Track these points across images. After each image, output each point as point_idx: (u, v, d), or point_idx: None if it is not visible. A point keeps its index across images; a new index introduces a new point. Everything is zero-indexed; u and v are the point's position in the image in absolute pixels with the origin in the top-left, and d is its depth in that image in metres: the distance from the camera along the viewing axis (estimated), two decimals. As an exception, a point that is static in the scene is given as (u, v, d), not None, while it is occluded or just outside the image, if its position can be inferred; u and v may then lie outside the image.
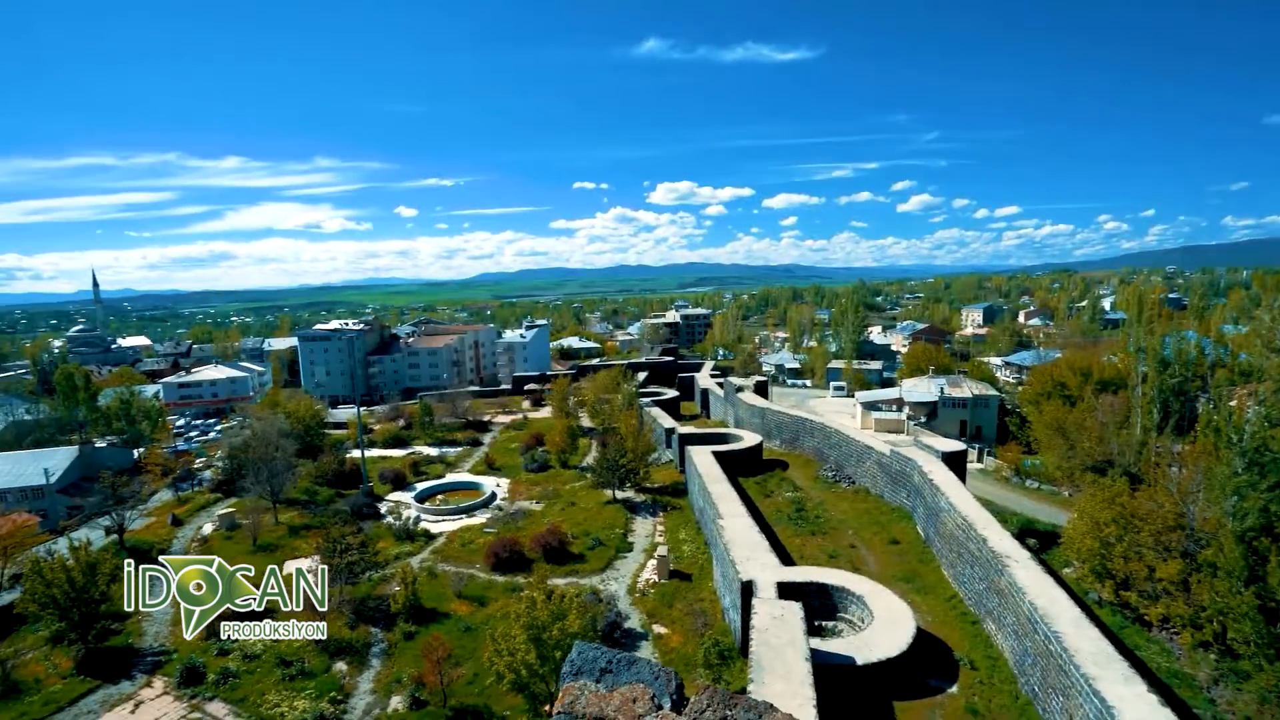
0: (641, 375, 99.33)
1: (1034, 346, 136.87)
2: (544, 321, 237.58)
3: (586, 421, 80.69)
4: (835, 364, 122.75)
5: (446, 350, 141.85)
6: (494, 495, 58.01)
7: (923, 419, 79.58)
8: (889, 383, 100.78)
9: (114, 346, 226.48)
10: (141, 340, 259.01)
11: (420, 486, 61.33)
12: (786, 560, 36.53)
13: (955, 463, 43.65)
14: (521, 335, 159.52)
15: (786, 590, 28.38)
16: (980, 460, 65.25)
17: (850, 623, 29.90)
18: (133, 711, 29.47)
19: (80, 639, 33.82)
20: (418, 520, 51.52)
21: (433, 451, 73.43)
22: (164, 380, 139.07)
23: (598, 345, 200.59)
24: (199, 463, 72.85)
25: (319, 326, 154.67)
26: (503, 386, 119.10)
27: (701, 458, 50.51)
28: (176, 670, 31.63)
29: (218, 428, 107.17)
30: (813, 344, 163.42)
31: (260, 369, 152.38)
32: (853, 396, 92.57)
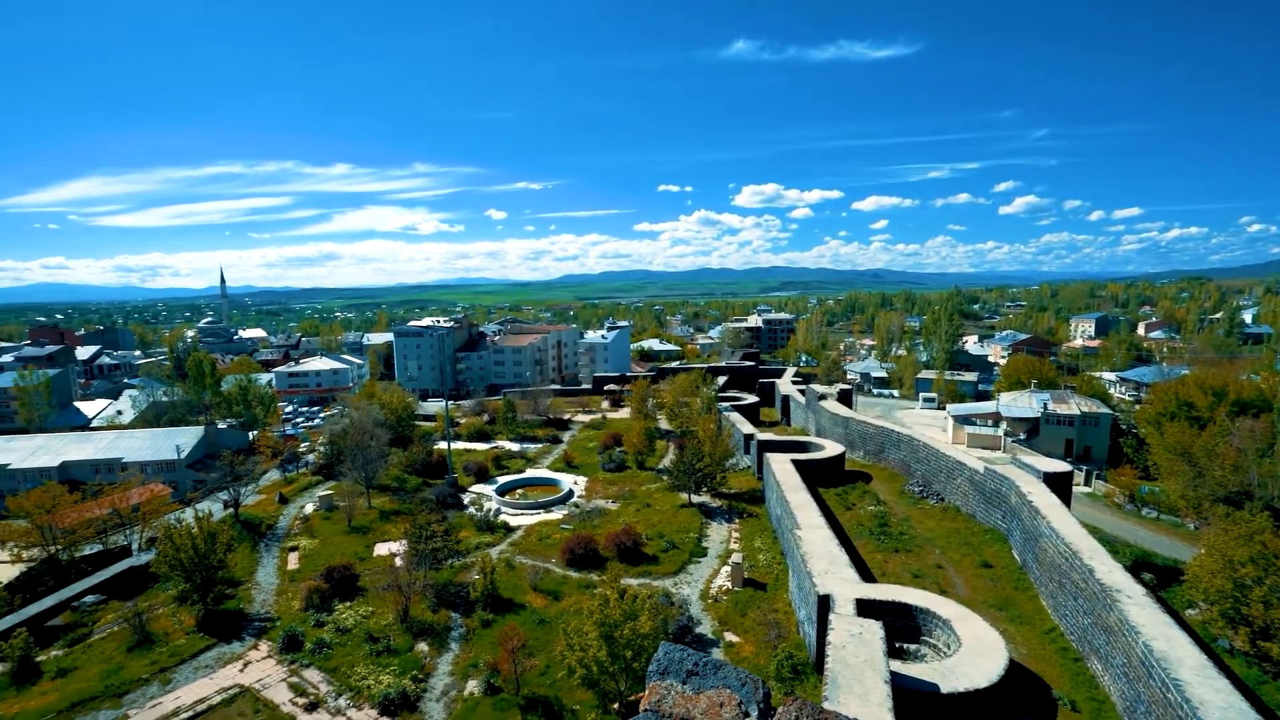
0: (721, 379, 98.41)
1: (1156, 361, 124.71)
2: (625, 323, 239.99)
3: (664, 424, 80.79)
4: (926, 374, 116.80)
5: (530, 349, 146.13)
6: (571, 492, 59.11)
7: (1022, 436, 74.30)
8: (984, 396, 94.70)
9: (236, 337, 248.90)
10: (259, 332, 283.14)
11: (501, 480, 63.37)
12: (867, 576, 35.03)
13: (1059, 485, 40.36)
14: (603, 336, 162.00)
15: (866, 608, 27.19)
16: (1088, 484, 60.07)
17: (934, 647, 28.24)
18: (242, 670, 32.09)
19: (201, 600, 37.24)
20: (498, 512, 53.24)
21: (514, 447, 75.74)
22: (276, 369, 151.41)
23: (678, 348, 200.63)
24: (303, 447, 78.57)
25: (413, 323, 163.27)
26: (583, 386, 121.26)
27: (780, 466, 49.35)
28: (279, 637, 34.17)
29: (321, 415, 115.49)
30: (901, 352, 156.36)
31: (359, 362, 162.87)
32: (944, 409, 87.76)
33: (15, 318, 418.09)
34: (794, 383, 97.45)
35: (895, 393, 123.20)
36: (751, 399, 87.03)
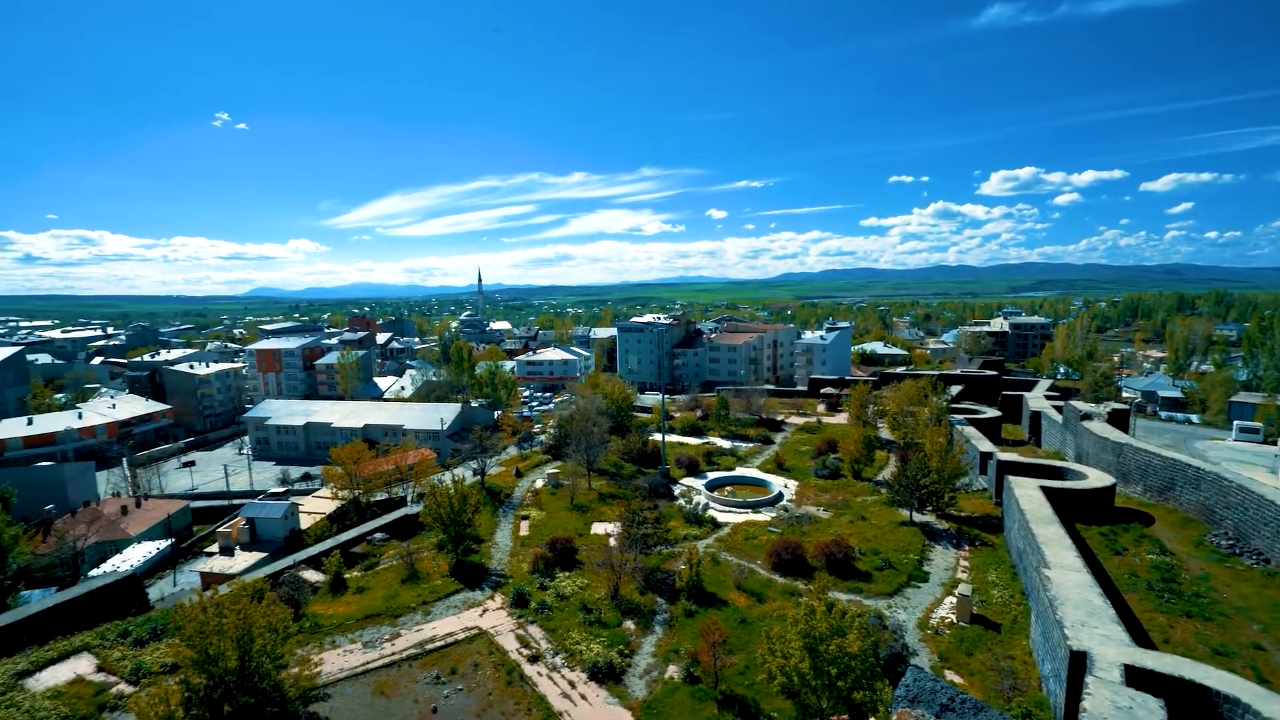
0: (955, 389, 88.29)
1: None
2: (846, 324, 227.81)
3: (886, 433, 75.09)
4: (1246, 397, 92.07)
5: (745, 347, 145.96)
6: (781, 495, 57.75)
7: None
8: (1341, 431, 71.56)
9: (488, 329, 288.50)
10: (505, 325, 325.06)
11: (711, 476, 64.21)
12: (1140, 639, 28.63)
13: None
14: (821, 337, 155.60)
15: (1139, 678, 22.15)
16: None
17: (1244, 747, 21.96)
18: (481, 615, 36.95)
19: (453, 550, 43.71)
20: (706, 507, 54.03)
21: (725, 444, 76.26)
22: (518, 358, 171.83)
23: (904, 352, 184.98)
24: (536, 428, 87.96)
25: (634, 320, 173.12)
26: (798, 388, 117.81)
27: (1026, 492, 42.61)
28: (510, 593, 38.65)
29: (552, 401, 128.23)
30: (1207, 368, 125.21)
31: (586, 354, 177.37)
32: (1275, 444, 68.32)
33: (337, 310, 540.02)
34: (1048, 397, 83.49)
35: (1194, 418, 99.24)
36: (992, 413, 76.61)
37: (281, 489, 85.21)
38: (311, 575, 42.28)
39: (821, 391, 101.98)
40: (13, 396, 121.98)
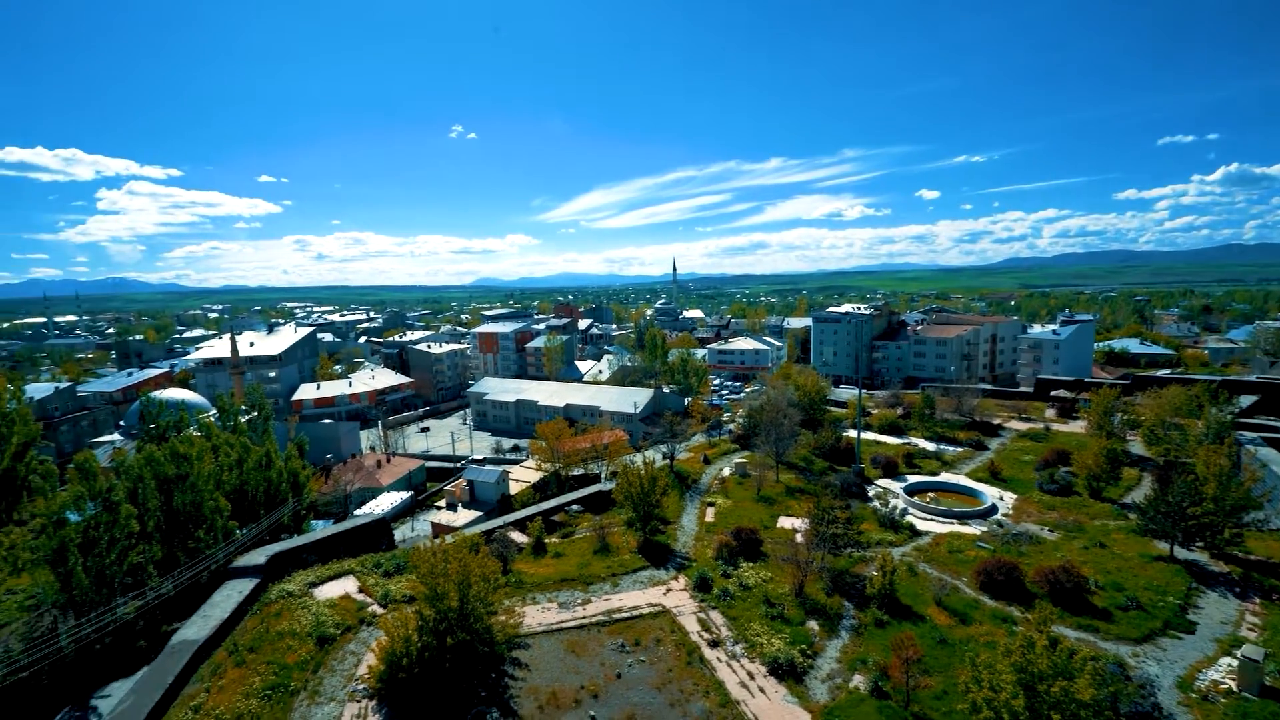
0: (1245, 399, 70.94)
1: None
2: (1087, 316, 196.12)
3: (1138, 447, 63.08)
4: None
5: (957, 341, 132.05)
6: (994, 508, 51.33)
7: None
8: None
9: (680, 317, 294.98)
10: (697, 313, 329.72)
11: (911, 479, 59.19)
12: None
13: None
14: (1054, 332, 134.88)
15: None
16: None
17: None
18: (664, 594, 38.09)
19: (642, 528, 45.59)
20: (904, 512, 49.94)
21: (929, 446, 69.76)
22: (709, 346, 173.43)
23: (1170, 351, 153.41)
24: (725, 416, 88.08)
25: (831, 309, 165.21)
26: (1021, 389, 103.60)
27: (1354, 537, 32.80)
28: (694, 576, 39.24)
29: (742, 390, 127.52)
30: None
31: (778, 344, 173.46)
32: None
33: (545, 298, 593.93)
34: (1397, 417, 63.39)
35: None
36: (1302, 432, 60.13)
37: (495, 457, 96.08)
38: (517, 536, 46.99)
39: (1051, 394, 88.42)
40: (308, 367, 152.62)
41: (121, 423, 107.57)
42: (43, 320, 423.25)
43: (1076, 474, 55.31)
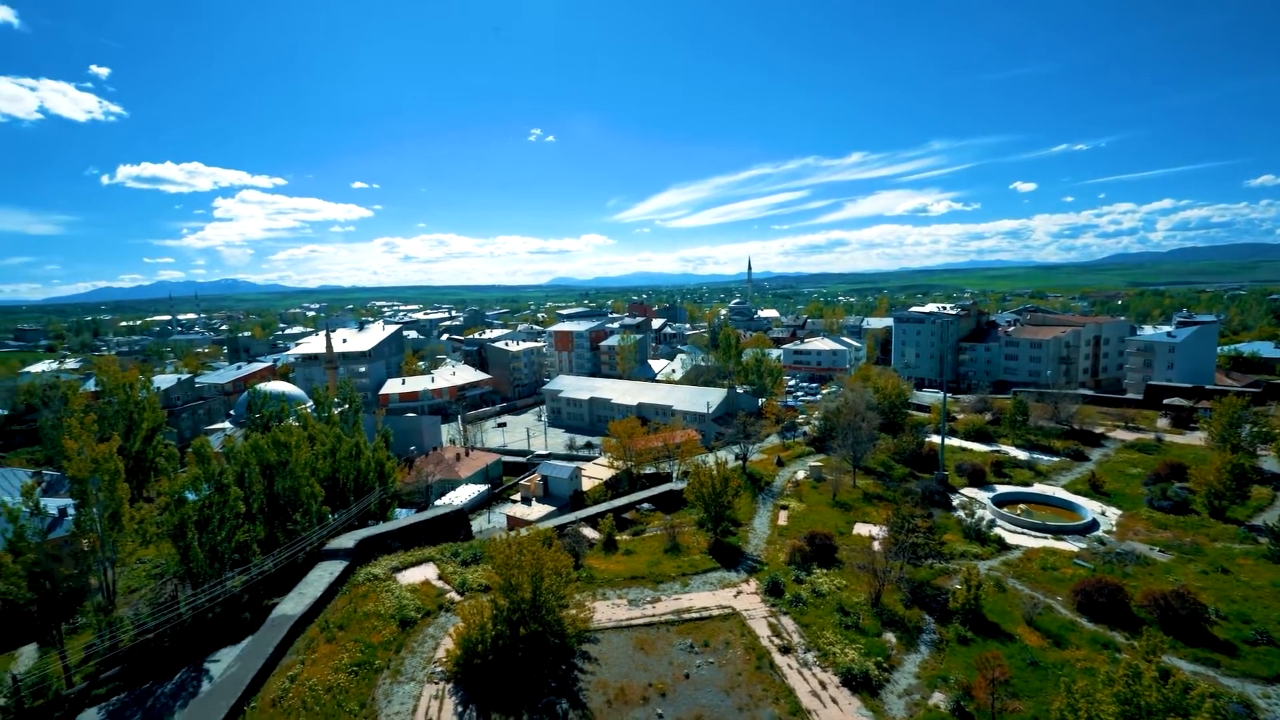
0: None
1: None
2: (1210, 317, 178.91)
3: (1271, 463, 56.95)
4: None
5: (1054, 344, 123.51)
6: (1095, 524, 47.56)
7: None
8: None
9: (755, 317, 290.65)
10: (773, 313, 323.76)
11: (1000, 489, 55.78)
12: None
13: None
14: (1169, 334, 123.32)
15: None
16: None
17: None
18: (735, 596, 37.59)
19: (713, 529, 45.18)
20: (992, 524, 47.12)
21: (1020, 454, 65.49)
22: (785, 346, 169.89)
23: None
24: (800, 419, 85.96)
25: (914, 309, 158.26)
26: (1128, 395, 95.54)
27: None
28: (765, 580, 38.51)
29: (819, 391, 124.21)
30: None
31: (857, 345, 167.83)
32: None
33: (619, 297, 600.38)
34: None
35: None
36: None
37: (568, 454, 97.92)
38: (589, 532, 47.66)
39: (1164, 402, 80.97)
40: (394, 363, 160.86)
41: (231, 412, 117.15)
42: (167, 318, 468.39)
43: (1194, 490, 50.42)
